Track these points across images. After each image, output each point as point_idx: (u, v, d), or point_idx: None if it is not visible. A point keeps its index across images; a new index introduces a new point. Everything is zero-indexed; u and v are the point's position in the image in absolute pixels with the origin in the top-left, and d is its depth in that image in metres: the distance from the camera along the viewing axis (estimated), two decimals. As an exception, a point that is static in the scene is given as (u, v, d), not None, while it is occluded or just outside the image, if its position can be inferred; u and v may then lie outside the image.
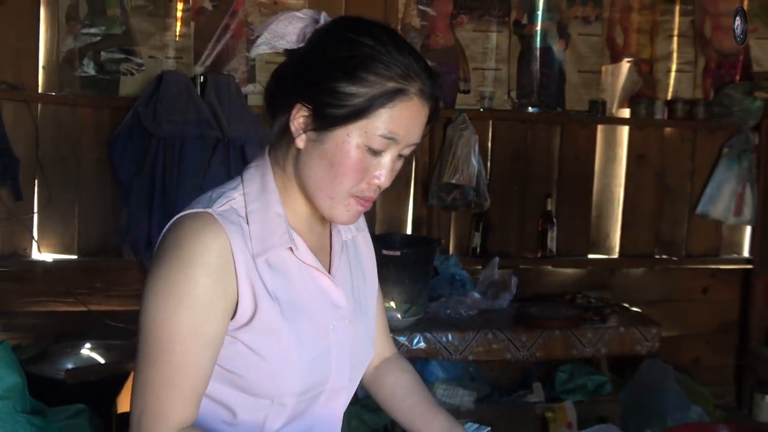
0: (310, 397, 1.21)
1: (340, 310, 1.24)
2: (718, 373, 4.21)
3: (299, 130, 1.14)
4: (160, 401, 1.09)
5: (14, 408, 2.62)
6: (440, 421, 1.34)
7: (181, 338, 1.08)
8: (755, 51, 4.08)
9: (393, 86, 1.09)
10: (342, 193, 1.15)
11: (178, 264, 1.09)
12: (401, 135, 1.12)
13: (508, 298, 3.54)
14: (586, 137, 3.97)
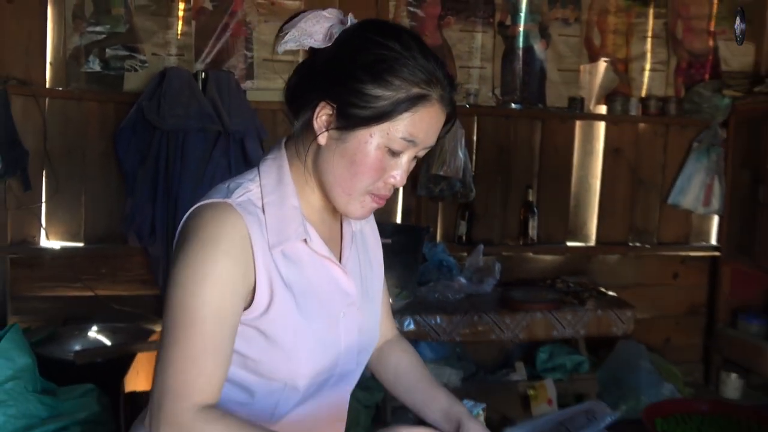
0: (321, 380, 1.18)
1: (350, 297, 1.22)
2: (687, 353, 4.22)
3: (322, 127, 1.11)
4: (182, 379, 1.06)
5: (25, 387, 2.60)
6: (441, 398, 1.32)
7: (203, 317, 1.06)
8: (723, 51, 4.09)
9: (417, 92, 1.07)
10: (360, 190, 1.12)
11: (200, 248, 1.07)
12: (421, 138, 1.10)
13: (493, 283, 3.55)
14: (565, 132, 3.96)
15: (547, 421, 1.48)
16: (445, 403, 1.31)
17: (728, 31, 4.07)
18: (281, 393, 1.15)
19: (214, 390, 1.09)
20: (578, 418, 1.48)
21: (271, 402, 1.16)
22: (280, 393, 1.15)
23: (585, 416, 1.48)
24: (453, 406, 1.30)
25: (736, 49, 4.09)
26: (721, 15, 4.07)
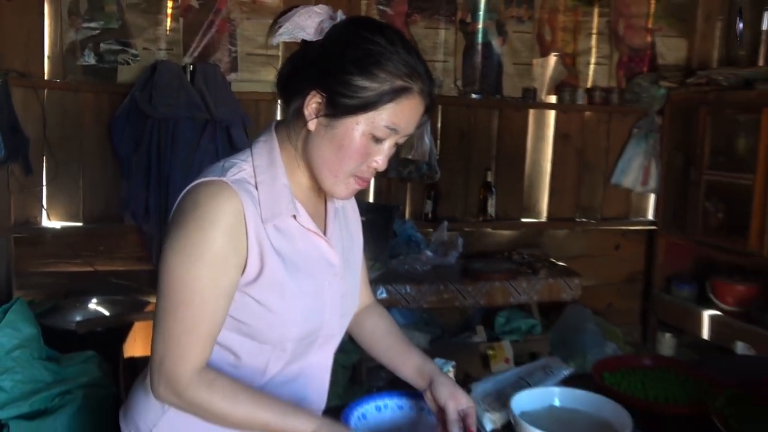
0: (307, 343, 1.18)
1: (334, 267, 1.21)
2: (627, 315, 4.28)
3: (312, 114, 1.10)
4: (180, 346, 1.06)
5: (31, 355, 2.56)
6: (415, 357, 1.32)
7: (199, 290, 1.05)
8: (660, 47, 4.11)
9: (400, 84, 1.06)
10: (345, 172, 1.12)
11: (195, 224, 1.05)
12: (402, 127, 1.10)
13: (456, 256, 3.55)
14: (519, 120, 3.96)
15: (509, 376, 1.49)
16: (419, 362, 1.31)
17: (664, 28, 4.10)
18: (270, 354, 1.15)
19: (207, 353, 1.09)
20: (537, 373, 1.49)
21: (261, 363, 1.16)
22: (270, 354, 1.15)
23: (543, 371, 1.49)
24: (425, 364, 1.30)
25: (671, 45, 4.12)
26: (658, 14, 4.08)
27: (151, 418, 1.19)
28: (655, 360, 1.71)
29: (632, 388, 1.56)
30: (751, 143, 3.32)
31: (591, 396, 1.35)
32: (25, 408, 2.42)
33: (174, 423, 1.16)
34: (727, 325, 3.54)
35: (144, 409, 1.21)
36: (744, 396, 1.47)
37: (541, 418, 1.32)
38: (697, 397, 1.52)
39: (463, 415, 1.23)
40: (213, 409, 1.07)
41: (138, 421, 1.21)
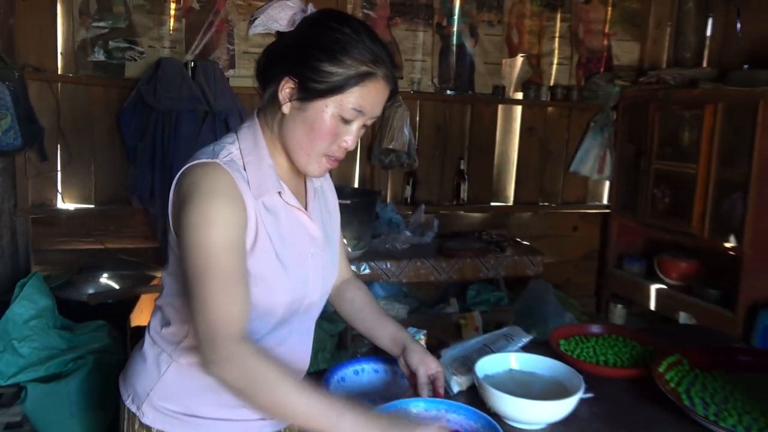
0: (293, 308, 1.16)
1: (316, 240, 1.20)
2: (584, 289, 4.30)
3: (285, 99, 1.08)
4: (222, 308, 1.01)
5: (47, 324, 2.54)
6: (389, 326, 1.31)
7: (219, 252, 1.01)
8: (615, 49, 4.10)
9: (365, 69, 1.05)
10: (317, 152, 1.10)
11: (199, 198, 1.02)
12: (368, 109, 1.08)
13: (432, 235, 3.54)
14: (490, 114, 3.93)
15: (474, 344, 1.48)
16: (392, 330, 1.30)
17: (619, 33, 4.08)
18: (260, 319, 1.12)
19: (246, 315, 1.05)
20: (499, 341, 1.48)
21: (251, 326, 1.12)
22: (260, 319, 1.12)
23: (505, 339, 1.48)
24: (399, 333, 1.29)
25: (625, 48, 4.11)
26: (614, 20, 4.06)
27: (148, 382, 1.16)
28: (605, 328, 1.71)
29: (585, 353, 1.56)
30: (695, 136, 3.32)
31: (546, 360, 1.35)
32: (41, 372, 2.40)
33: (169, 386, 1.14)
34: (671, 297, 3.56)
35: (141, 375, 1.18)
36: (683, 361, 1.47)
37: (502, 380, 1.31)
38: (642, 361, 1.52)
39: (433, 379, 1.22)
40: (265, 377, 1.00)
41: (136, 386, 1.19)
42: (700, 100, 3.28)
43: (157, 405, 1.15)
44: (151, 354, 1.17)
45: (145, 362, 1.18)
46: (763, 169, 2.99)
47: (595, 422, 1.25)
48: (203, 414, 1.14)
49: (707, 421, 1.21)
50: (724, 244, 3.19)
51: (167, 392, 1.14)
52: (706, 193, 3.26)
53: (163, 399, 1.14)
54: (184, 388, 1.13)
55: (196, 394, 1.13)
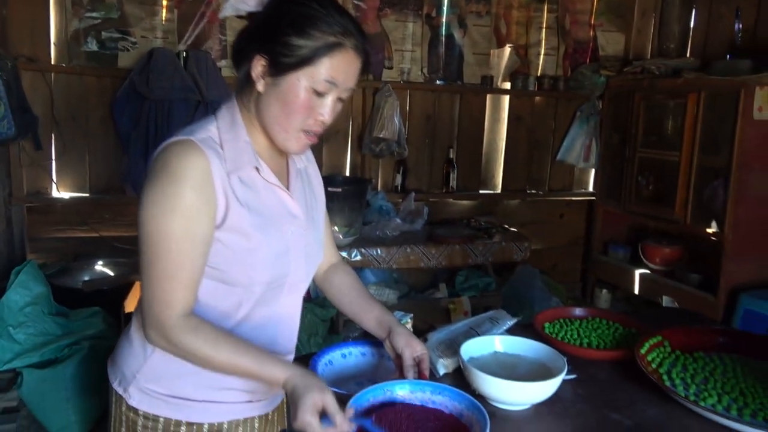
0: (276, 287, 1.14)
1: (297, 219, 1.17)
2: (570, 274, 4.30)
3: (259, 76, 1.06)
4: (165, 292, 1.02)
5: (42, 311, 2.51)
6: (375, 310, 1.29)
7: (176, 239, 1.00)
8: (601, 40, 4.07)
9: (333, 40, 1.03)
10: (294, 127, 1.08)
11: (167, 180, 1.01)
12: (340, 80, 1.05)
13: (422, 223, 3.53)
14: (478, 103, 3.90)
15: (460, 327, 1.46)
16: (379, 314, 1.27)
17: (605, 23, 4.05)
18: (241, 296, 1.11)
19: (190, 301, 1.05)
20: (485, 324, 1.46)
21: (231, 304, 1.12)
22: (240, 296, 1.11)
23: (490, 322, 1.46)
24: (384, 316, 1.27)
25: (611, 38, 4.08)
26: (600, 11, 4.03)
27: (134, 365, 1.14)
28: (588, 311, 1.69)
29: (569, 336, 1.55)
30: (678, 125, 3.31)
31: (530, 343, 1.33)
32: (37, 358, 2.38)
33: (155, 369, 1.12)
34: (654, 282, 3.56)
35: (128, 358, 1.16)
36: (665, 342, 1.46)
37: (487, 362, 1.29)
38: (625, 343, 1.51)
39: (418, 361, 1.21)
40: (197, 352, 1.03)
41: (123, 369, 1.16)
42: (683, 90, 3.26)
43: (144, 387, 1.12)
44: (137, 337, 1.15)
45: (131, 345, 1.16)
46: (743, 157, 2.98)
47: (578, 403, 1.24)
48: (189, 396, 1.12)
49: (687, 401, 1.20)
50: (706, 229, 3.18)
51: (153, 374, 1.12)
52: (689, 181, 3.25)
53: (150, 381, 1.12)
54: (170, 370, 1.11)
55: (181, 377, 1.11)
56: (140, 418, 1.13)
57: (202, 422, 1.13)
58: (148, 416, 1.13)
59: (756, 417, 1.19)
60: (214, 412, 1.14)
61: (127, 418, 1.14)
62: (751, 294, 2.98)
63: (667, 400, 1.25)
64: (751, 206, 3.04)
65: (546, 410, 1.21)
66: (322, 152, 3.61)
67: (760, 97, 2.94)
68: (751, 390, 1.27)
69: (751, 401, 1.24)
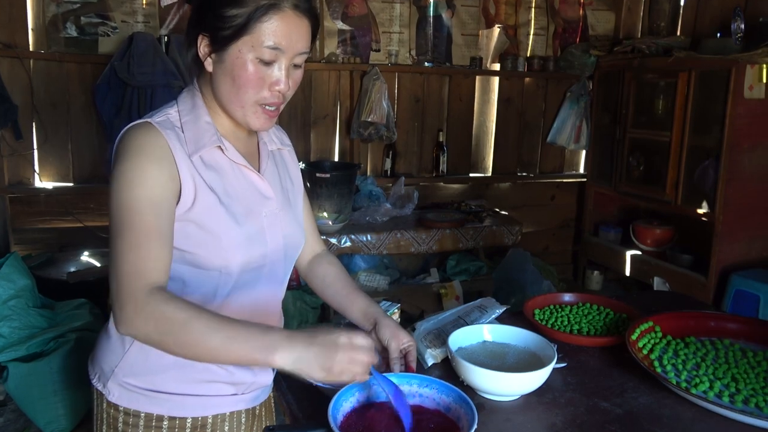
0: (254, 268, 1.11)
1: (269, 200, 1.14)
2: (561, 257, 4.30)
3: (205, 55, 1.05)
4: (132, 263, 0.96)
5: (26, 304, 2.47)
6: (360, 301, 1.26)
7: (139, 209, 0.97)
8: (591, 19, 4.02)
9: (266, 2, 1.00)
10: (249, 101, 1.05)
11: (127, 157, 0.99)
12: (284, 44, 1.02)
13: (412, 207, 3.50)
14: (467, 85, 3.86)
15: (448, 316, 1.44)
16: (363, 305, 1.24)
17: (595, 2, 4.00)
18: (218, 280, 1.07)
19: (161, 272, 0.99)
20: (473, 312, 1.44)
21: (210, 288, 1.08)
22: (217, 280, 1.07)
23: (478, 310, 1.44)
24: (370, 307, 1.23)
25: (601, 17, 4.04)
26: (590, -10, 3.99)
27: (113, 360, 1.11)
28: (579, 296, 1.67)
29: (559, 322, 1.52)
30: (669, 104, 3.28)
31: (520, 331, 1.31)
32: (22, 351, 2.34)
33: (134, 362, 1.09)
34: (646, 263, 3.56)
35: (106, 353, 1.13)
36: (656, 328, 1.44)
37: (476, 352, 1.27)
38: (616, 329, 1.49)
39: (404, 353, 1.18)
40: (175, 318, 0.93)
41: (102, 364, 1.13)
42: (674, 69, 3.23)
43: (123, 382, 1.09)
44: (114, 330, 1.11)
45: (109, 339, 1.12)
46: (734, 136, 2.96)
47: (568, 391, 1.22)
48: (171, 390, 1.09)
49: (679, 388, 1.18)
50: (697, 210, 3.17)
51: (132, 368, 1.09)
52: (680, 161, 3.23)
53: (128, 375, 1.09)
54: (149, 364, 1.07)
55: (161, 370, 1.08)
56: (121, 414, 1.10)
57: (186, 416, 1.10)
58: (129, 412, 1.10)
59: (748, 403, 1.17)
60: (198, 405, 1.11)
61: (108, 415, 1.11)
62: (741, 274, 2.98)
63: (659, 387, 1.23)
64: (742, 186, 3.03)
65: (536, 400, 1.18)
66: (310, 137, 3.56)
67: (751, 75, 2.91)
68: (743, 376, 1.26)
69: (743, 387, 1.22)
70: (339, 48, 3.51)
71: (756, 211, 3.09)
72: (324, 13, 3.44)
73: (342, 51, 3.51)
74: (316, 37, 1.10)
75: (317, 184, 3.07)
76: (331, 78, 3.53)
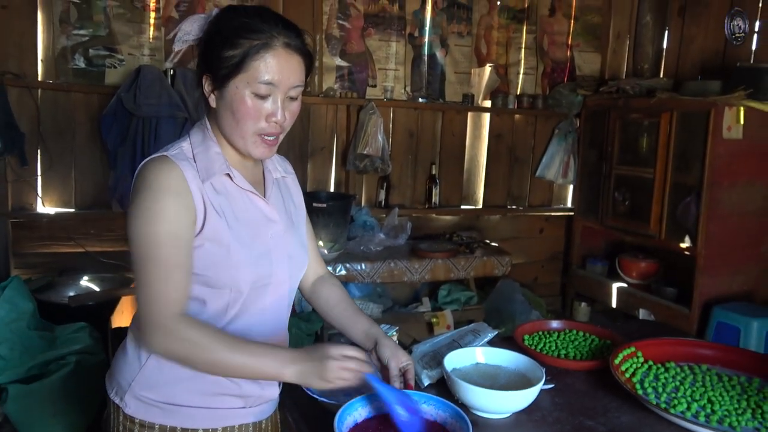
0: (261, 286, 1.20)
1: (275, 223, 1.24)
2: (549, 288, 4.37)
3: (209, 93, 1.15)
4: (159, 294, 1.08)
5: (27, 326, 2.51)
6: (362, 322, 1.34)
7: (161, 243, 1.08)
8: (578, 60, 4.19)
9: (258, 43, 1.10)
10: (248, 132, 1.15)
11: (147, 192, 1.09)
12: (277, 80, 1.12)
13: (405, 237, 3.58)
14: (460, 121, 3.99)
15: (443, 339, 1.52)
16: (366, 326, 1.32)
17: (582, 44, 4.18)
18: (228, 297, 1.17)
19: (184, 299, 1.11)
20: (467, 336, 1.52)
21: (222, 306, 1.17)
22: (228, 297, 1.17)
23: (472, 334, 1.52)
24: (371, 328, 1.31)
25: (587, 58, 4.21)
26: (577, 32, 4.16)
27: (129, 374, 1.18)
28: (566, 323, 1.75)
29: (547, 347, 1.61)
30: (652, 143, 3.41)
31: (511, 354, 1.39)
32: (22, 373, 2.38)
33: (149, 376, 1.16)
34: (631, 295, 3.65)
35: (123, 368, 1.20)
36: (638, 353, 1.53)
37: (470, 373, 1.35)
38: (600, 354, 1.57)
39: (403, 372, 1.25)
40: (200, 342, 1.07)
41: (119, 379, 1.20)
42: (657, 109, 3.37)
43: (139, 395, 1.16)
44: (132, 346, 1.19)
45: (126, 355, 1.20)
46: (714, 174, 3.09)
47: (555, 411, 1.30)
48: (184, 402, 1.16)
49: (659, 408, 1.27)
50: (680, 244, 3.28)
51: (148, 382, 1.16)
52: (663, 197, 3.35)
53: (145, 389, 1.16)
54: (164, 377, 1.15)
55: (176, 383, 1.15)
56: (137, 426, 1.17)
57: (197, 428, 1.17)
58: (144, 424, 1.16)
59: (722, 423, 1.26)
60: (208, 417, 1.18)
61: (125, 428, 1.18)
62: (723, 307, 3.07)
63: (640, 408, 1.31)
64: (723, 222, 3.15)
65: (525, 418, 1.26)
66: (307, 168, 3.66)
67: (729, 116, 3.06)
68: (719, 398, 1.35)
69: (718, 408, 1.31)
70: (337, 83, 3.64)
71: (736, 246, 3.21)
72: (323, 50, 3.58)
73: (340, 86, 3.65)
74: (311, 71, 1.20)
75: (314, 213, 3.16)
76: (328, 111, 3.66)
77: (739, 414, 1.28)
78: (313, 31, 3.54)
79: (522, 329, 1.66)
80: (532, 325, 1.71)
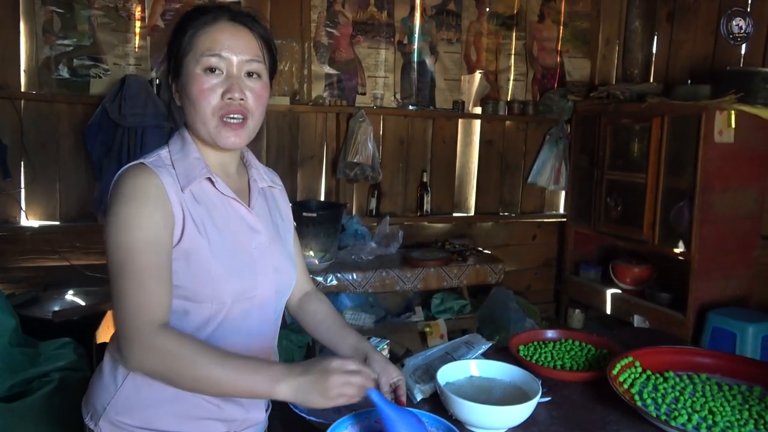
0: (246, 299, 1.13)
1: (259, 233, 1.19)
2: (543, 295, 4.34)
3: (174, 91, 1.15)
4: (136, 302, 1.01)
5: (9, 343, 2.43)
6: (351, 337, 1.29)
7: (138, 251, 1.02)
8: (567, 66, 4.18)
9: (203, 21, 1.10)
10: (207, 114, 1.10)
11: (124, 200, 1.04)
12: (223, 50, 1.10)
13: (396, 246, 3.54)
14: (450, 128, 3.96)
15: (436, 352, 1.47)
16: (354, 341, 1.27)
17: (571, 50, 4.17)
18: (210, 309, 1.10)
19: (164, 308, 1.04)
20: (460, 348, 1.47)
21: (202, 319, 1.11)
22: (209, 310, 1.10)
23: (465, 346, 1.47)
24: (360, 343, 1.27)
25: (577, 64, 4.20)
26: (566, 38, 4.15)
27: (105, 397, 1.12)
28: (561, 333, 1.71)
29: (543, 358, 1.56)
30: (644, 148, 3.40)
31: (505, 366, 1.34)
32: (4, 391, 2.30)
33: (126, 399, 1.10)
34: (625, 301, 3.62)
35: (98, 391, 1.14)
36: (636, 363, 1.48)
37: (463, 387, 1.30)
38: (597, 364, 1.53)
39: (394, 387, 1.21)
40: (181, 354, 0.98)
41: (95, 402, 1.14)
42: (647, 114, 3.36)
43: (114, 420, 1.10)
44: (108, 367, 1.13)
45: (102, 377, 1.14)
46: (706, 178, 3.07)
47: (552, 425, 1.25)
48: (161, 427, 1.10)
49: (659, 420, 1.22)
50: (673, 249, 3.26)
51: (124, 405, 1.10)
52: (656, 202, 3.33)
53: (120, 413, 1.10)
54: (141, 400, 1.09)
55: (154, 406, 1.09)
56: (110, 454, 1.11)
57: None
58: (118, 451, 1.10)
59: (725, 435, 1.22)
60: (189, 443, 1.12)
61: (98, 455, 1.12)
62: (718, 312, 3.04)
63: (640, 420, 1.27)
64: (716, 226, 3.13)
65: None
66: (297, 177, 3.62)
67: (720, 121, 3.04)
68: (720, 409, 1.30)
69: (720, 419, 1.26)
70: (326, 91, 3.60)
71: (730, 250, 3.18)
72: (312, 58, 3.54)
73: (329, 94, 3.61)
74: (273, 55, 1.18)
75: (304, 223, 3.11)
76: (318, 120, 3.62)
77: (741, 425, 1.24)
78: (302, 39, 3.51)
79: (517, 339, 1.62)
80: (527, 335, 1.66)
